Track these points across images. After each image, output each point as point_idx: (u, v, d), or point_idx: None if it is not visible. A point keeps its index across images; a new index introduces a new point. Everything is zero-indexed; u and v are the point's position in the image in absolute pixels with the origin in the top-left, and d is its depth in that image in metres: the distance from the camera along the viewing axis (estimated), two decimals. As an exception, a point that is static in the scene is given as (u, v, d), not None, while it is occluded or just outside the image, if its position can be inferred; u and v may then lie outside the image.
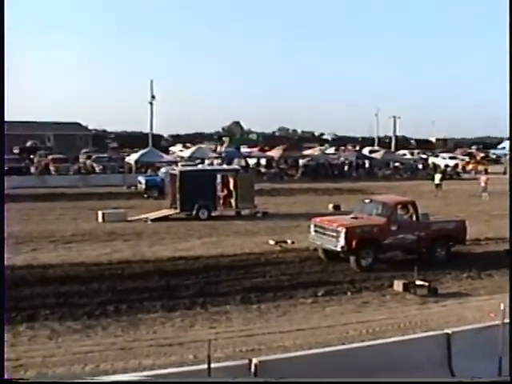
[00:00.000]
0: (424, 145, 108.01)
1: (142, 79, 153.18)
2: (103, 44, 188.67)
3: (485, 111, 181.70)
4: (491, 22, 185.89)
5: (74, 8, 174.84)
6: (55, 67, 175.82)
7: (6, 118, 9.52)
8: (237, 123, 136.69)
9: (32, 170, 56.43)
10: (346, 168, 66.21)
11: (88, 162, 61.78)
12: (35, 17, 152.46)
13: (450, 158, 78.19)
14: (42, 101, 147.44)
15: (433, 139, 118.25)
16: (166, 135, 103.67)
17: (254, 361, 10.00)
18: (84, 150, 75.30)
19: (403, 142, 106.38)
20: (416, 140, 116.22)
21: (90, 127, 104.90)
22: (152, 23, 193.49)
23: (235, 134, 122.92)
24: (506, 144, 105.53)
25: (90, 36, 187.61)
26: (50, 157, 61.21)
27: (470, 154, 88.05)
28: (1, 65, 8.71)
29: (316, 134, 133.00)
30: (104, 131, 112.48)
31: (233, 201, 34.15)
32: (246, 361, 10.15)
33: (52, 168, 56.24)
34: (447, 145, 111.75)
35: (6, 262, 12.46)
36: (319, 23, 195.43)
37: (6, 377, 8.41)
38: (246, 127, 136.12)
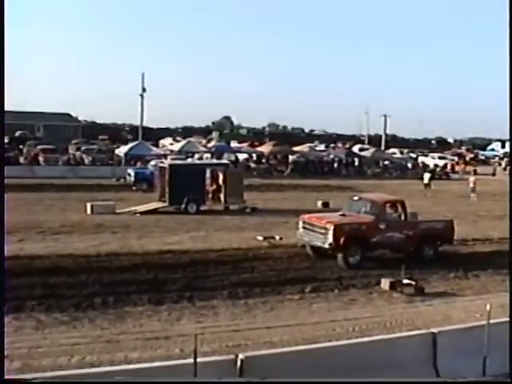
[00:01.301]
0: (444, 146, 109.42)
1: (132, 72, 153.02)
2: (93, 36, 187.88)
3: (475, 113, 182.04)
4: (488, 21, 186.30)
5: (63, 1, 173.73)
6: (46, 58, 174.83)
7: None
8: (227, 118, 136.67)
9: (21, 160, 56.20)
10: (335, 165, 66.30)
11: (77, 153, 61.57)
12: (24, 7, 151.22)
13: (440, 157, 78.34)
14: (32, 91, 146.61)
15: (451, 140, 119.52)
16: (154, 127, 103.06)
17: (241, 356, 10.02)
18: (74, 141, 75.03)
19: (424, 143, 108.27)
20: (437, 141, 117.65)
21: (80, 118, 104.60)
22: (142, 16, 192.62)
23: (225, 129, 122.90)
24: (496, 145, 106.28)
25: (81, 27, 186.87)
26: (40, 147, 60.85)
27: (460, 155, 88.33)
28: (1, 71, 8.65)
29: (306, 130, 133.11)
30: (94, 123, 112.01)
31: (222, 195, 34.15)
32: (233, 356, 10.17)
33: (41, 158, 55.97)
34: (463, 146, 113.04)
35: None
36: (310, 20, 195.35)
37: (5, 377, 8.42)
38: (236, 122, 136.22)
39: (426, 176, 49.99)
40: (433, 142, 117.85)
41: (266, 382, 9.39)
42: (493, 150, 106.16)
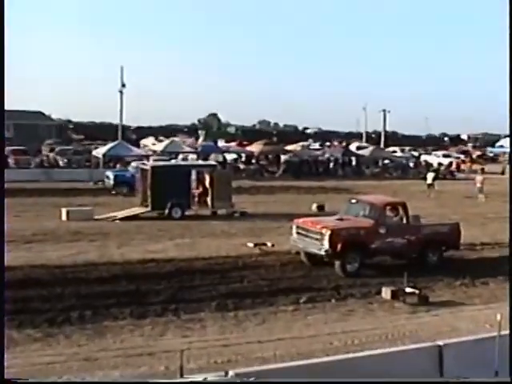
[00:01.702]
0: (457, 142, 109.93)
1: (112, 66, 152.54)
2: (69, 27, 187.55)
3: (482, 107, 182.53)
4: (492, 12, 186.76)
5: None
6: (16, 50, 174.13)
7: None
8: (214, 115, 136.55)
9: (-11, 162, 55.96)
10: (331, 165, 66.32)
11: (51, 154, 61.46)
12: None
13: (444, 155, 78.44)
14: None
15: (464, 136, 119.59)
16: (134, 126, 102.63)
17: (231, 373, 10.00)
18: (47, 142, 74.81)
19: (434, 140, 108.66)
20: (450, 137, 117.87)
21: (53, 117, 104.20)
22: (123, 7, 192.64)
23: (212, 127, 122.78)
24: (505, 142, 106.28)
25: (56, 19, 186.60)
26: (10, 148, 60.65)
27: (466, 152, 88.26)
28: (1, 71, 8.63)
29: (299, 128, 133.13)
30: (69, 121, 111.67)
31: (208, 199, 34.12)
32: (222, 373, 10.14)
33: (11, 161, 55.78)
34: (477, 142, 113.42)
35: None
36: (305, 10, 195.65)
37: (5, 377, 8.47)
38: (223, 119, 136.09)
39: (430, 176, 49.96)
40: (445, 138, 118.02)
41: (260, 382, 9.44)
42: (502, 146, 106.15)
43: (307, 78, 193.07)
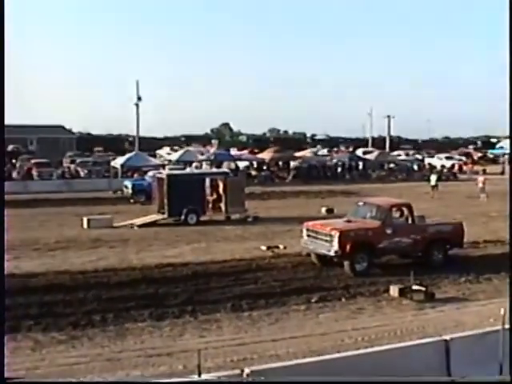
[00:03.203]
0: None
1: (127, 80, 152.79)
2: (88, 44, 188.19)
3: (483, 110, 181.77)
4: (492, 13, 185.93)
5: (60, 7, 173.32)
6: (38, 67, 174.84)
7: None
8: (226, 125, 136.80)
9: (14, 175, 56.13)
10: (338, 170, 66.32)
11: (72, 166, 61.66)
12: (18, 15, 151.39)
13: (447, 158, 78.34)
14: (24, 103, 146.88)
15: (494, 140, 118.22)
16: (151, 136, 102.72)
17: (246, 370, 9.96)
18: (68, 154, 75.12)
19: (463, 144, 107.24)
20: (482, 141, 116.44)
21: (74, 130, 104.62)
22: (138, 22, 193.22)
23: (224, 136, 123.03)
24: (505, 143, 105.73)
25: (75, 36, 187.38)
26: (33, 161, 60.90)
27: (467, 154, 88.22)
28: (1, 71, 8.67)
29: (308, 134, 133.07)
30: (89, 134, 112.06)
31: (222, 205, 34.12)
32: (238, 371, 10.12)
33: (35, 173, 56.02)
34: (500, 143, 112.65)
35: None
36: (307, 20, 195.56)
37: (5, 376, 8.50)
38: (235, 129, 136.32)
39: (433, 177, 49.84)
40: (478, 142, 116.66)
41: (266, 382, 9.42)
42: (502, 148, 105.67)
43: (314, 85, 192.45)
